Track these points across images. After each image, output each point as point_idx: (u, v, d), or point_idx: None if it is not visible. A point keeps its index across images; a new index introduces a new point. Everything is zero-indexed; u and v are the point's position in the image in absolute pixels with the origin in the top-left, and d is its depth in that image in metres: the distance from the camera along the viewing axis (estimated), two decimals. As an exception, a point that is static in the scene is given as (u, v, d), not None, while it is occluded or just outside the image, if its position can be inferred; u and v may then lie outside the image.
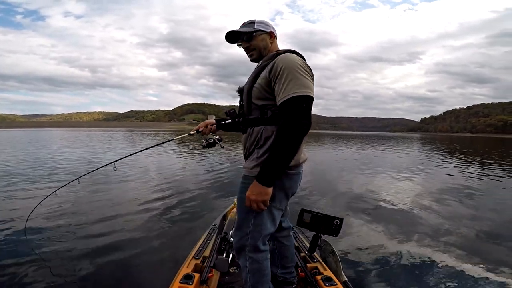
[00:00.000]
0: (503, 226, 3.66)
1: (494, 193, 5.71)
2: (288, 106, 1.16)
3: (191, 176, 6.62)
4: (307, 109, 1.17)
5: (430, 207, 4.40)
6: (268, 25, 1.40)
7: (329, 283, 1.51)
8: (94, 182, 5.38)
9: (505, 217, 4.07)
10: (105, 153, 11.30)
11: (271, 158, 1.18)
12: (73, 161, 8.52)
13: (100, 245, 2.71)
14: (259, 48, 1.39)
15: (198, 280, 1.51)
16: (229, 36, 1.42)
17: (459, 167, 9.56)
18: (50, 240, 2.80)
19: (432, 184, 6.45)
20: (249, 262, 1.33)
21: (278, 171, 1.18)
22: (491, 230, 3.44)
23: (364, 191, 5.41)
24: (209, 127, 1.55)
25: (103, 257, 2.47)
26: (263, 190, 1.18)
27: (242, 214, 1.34)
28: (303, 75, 1.19)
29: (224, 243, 1.96)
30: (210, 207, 4.08)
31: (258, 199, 1.19)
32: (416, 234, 3.20)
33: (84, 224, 3.26)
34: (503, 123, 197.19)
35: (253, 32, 1.38)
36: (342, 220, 1.56)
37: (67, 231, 3.04)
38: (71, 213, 3.62)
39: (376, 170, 8.36)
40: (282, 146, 1.15)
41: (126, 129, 54.22)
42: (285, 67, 1.19)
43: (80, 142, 16.81)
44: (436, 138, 58.92)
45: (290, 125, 1.15)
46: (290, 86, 1.16)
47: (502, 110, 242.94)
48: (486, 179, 7.27)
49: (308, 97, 1.17)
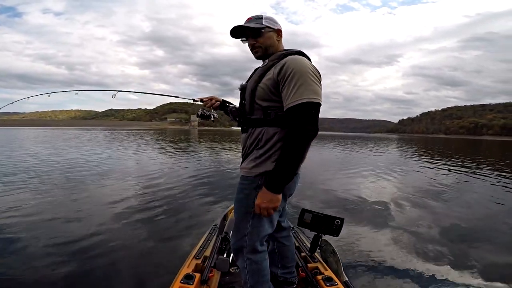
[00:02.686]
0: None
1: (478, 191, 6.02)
2: (297, 112, 1.14)
3: (180, 175, 6.50)
4: (315, 116, 1.16)
5: (428, 205, 4.58)
6: (276, 22, 1.35)
7: (330, 283, 1.52)
8: (79, 181, 5.15)
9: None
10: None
11: (280, 165, 1.16)
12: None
13: (100, 245, 2.69)
14: (266, 46, 1.34)
15: (199, 280, 1.51)
16: (234, 31, 1.35)
17: (435, 167, 9.98)
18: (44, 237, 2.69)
19: (421, 182, 6.70)
20: (248, 263, 1.34)
21: (287, 178, 1.18)
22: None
23: (357, 191, 5.51)
24: (213, 101, 1.60)
25: (103, 257, 2.46)
26: (274, 197, 1.19)
27: (240, 215, 1.33)
28: (314, 81, 1.17)
29: (224, 243, 1.95)
30: (202, 207, 4.04)
31: (270, 206, 1.20)
32: (415, 233, 3.28)
33: (83, 224, 3.23)
34: (474, 125, 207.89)
35: (261, 29, 1.32)
36: (343, 220, 1.57)
37: (66, 231, 2.99)
38: (69, 212, 3.48)
39: (371, 171, 8.55)
40: (291, 153, 1.15)
41: (105, 128, 52.59)
42: (295, 71, 1.16)
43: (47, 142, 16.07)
44: (413, 139, 61.30)
45: (299, 131, 1.13)
46: (301, 91, 1.14)
47: (474, 112, 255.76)
48: (465, 177, 7.65)
49: (317, 104, 1.15)
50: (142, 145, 15.34)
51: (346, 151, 16.66)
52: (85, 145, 14.47)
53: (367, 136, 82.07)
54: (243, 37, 1.38)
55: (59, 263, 2.33)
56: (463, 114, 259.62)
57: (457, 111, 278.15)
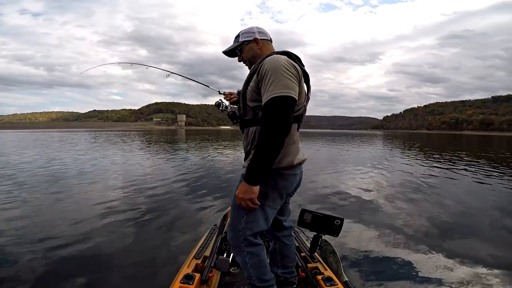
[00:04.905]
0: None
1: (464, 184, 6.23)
2: (268, 107, 1.19)
3: (177, 175, 6.41)
4: (286, 110, 1.18)
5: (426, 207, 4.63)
6: (251, 32, 1.44)
7: (329, 283, 1.52)
8: (73, 178, 4.98)
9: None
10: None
11: (254, 158, 1.21)
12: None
13: (100, 245, 2.68)
14: (248, 58, 1.45)
15: (199, 280, 1.50)
16: (227, 54, 1.51)
17: (419, 161, 10.26)
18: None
19: (412, 178, 6.86)
20: (249, 257, 1.37)
21: (261, 171, 1.20)
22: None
23: (355, 189, 5.58)
24: (232, 96, 1.79)
25: (103, 257, 2.46)
26: (249, 188, 1.22)
27: (235, 210, 1.38)
28: (285, 76, 1.20)
29: (224, 243, 1.96)
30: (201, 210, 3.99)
31: (245, 197, 1.23)
32: (415, 233, 3.30)
33: (82, 224, 3.22)
34: (455, 121, 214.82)
35: (238, 47, 1.45)
36: (343, 220, 1.58)
37: (63, 231, 2.97)
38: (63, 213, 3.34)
39: (365, 166, 8.68)
40: (262, 146, 1.18)
41: (87, 130, 51.23)
42: (269, 69, 1.21)
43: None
44: (397, 135, 62.79)
45: (269, 125, 1.17)
46: (272, 87, 1.19)
47: (454, 108, 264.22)
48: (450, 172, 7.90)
49: (287, 98, 1.18)
50: (133, 147, 15.03)
51: (339, 148, 16.89)
52: (74, 146, 14.02)
53: (354, 133, 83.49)
54: (234, 56, 1.52)
55: (59, 264, 2.34)
56: (445, 110, 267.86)
57: (439, 107, 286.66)
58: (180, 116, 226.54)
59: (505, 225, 3.59)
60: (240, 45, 1.45)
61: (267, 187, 1.30)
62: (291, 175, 1.35)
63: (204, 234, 2.13)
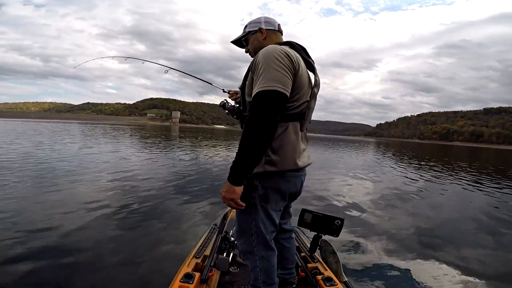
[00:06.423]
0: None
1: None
2: (253, 102, 1.09)
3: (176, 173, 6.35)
4: (270, 105, 1.06)
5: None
6: (257, 22, 1.36)
7: (329, 283, 1.52)
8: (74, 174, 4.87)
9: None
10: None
11: (236, 157, 1.11)
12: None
13: (100, 245, 2.63)
14: (253, 49, 1.38)
15: (199, 279, 1.49)
16: (236, 44, 1.47)
17: (410, 170, 10.39)
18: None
19: (409, 183, 6.95)
20: (260, 262, 1.33)
21: (242, 170, 1.10)
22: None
23: (354, 193, 5.62)
24: (238, 96, 1.70)
25: (103, 257, 2.41)
26: (231, 188, 1.12)
27: (242, 215, 1.32)
28: (276, 68, 1.09)
29: (224, 243, 1.92)
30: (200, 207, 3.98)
31: (227, 196, 1.14)
32: (413, 233, 3.38)
33: (80, 224, 3.11)
34: (446, 131, 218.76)
35: (242, 37, 1.40)
36: (343, 221, 1.58)
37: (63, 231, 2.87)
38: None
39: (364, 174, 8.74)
40: (244, 145, 1.08)
41: (79, 122, 50.49)
42: (260, 60, 1.12)
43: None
44: (389, 143, 63.60)
45: (251, 122, 1.07)
46: (259, 80, 1.09)
47: (446, 119, 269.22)
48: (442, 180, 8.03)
49: (273, 92, 1.06)
50: (115, 141, 14.80)
51: (335, 153, 16.99)
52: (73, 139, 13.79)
53: (347, 139, 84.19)
54: (243, 47, 1.47)
55: (60, 263, 2.28)
56: (437, 120, 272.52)
57: (431, 117, 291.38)
58: (175, 113, 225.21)
59: (491, 231, 3.71)
60: (246, 35, 1.38)
61: (268, 190, 1.24)
62: (294, 177, 1.30)
63: (204, 233, 2.11)
